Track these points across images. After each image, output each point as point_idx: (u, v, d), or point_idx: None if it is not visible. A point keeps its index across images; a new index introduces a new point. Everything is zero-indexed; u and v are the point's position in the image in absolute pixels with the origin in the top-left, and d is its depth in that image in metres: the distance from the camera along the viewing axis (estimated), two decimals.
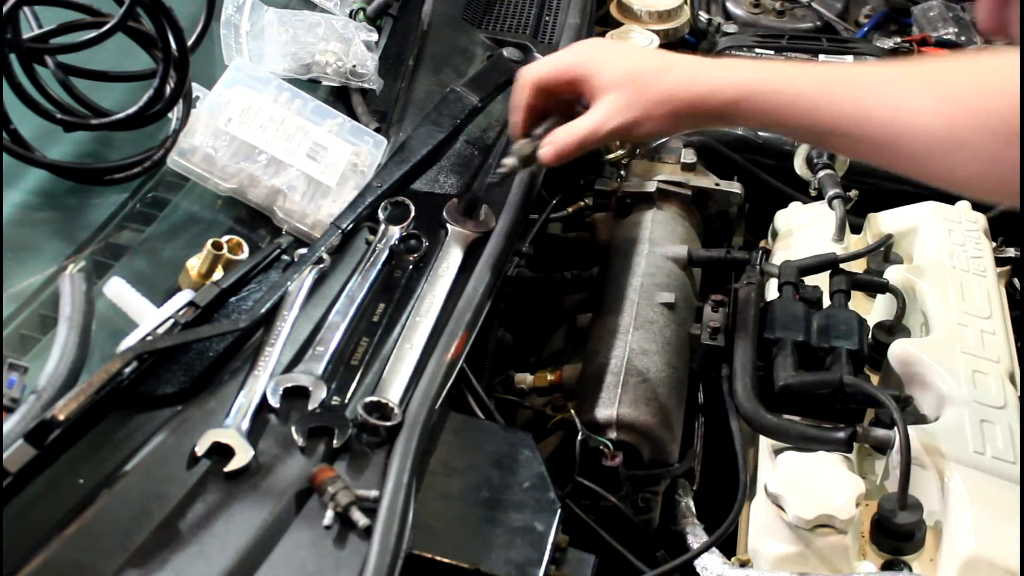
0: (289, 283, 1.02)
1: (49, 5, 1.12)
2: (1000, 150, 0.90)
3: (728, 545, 1.08)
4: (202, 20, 1.22)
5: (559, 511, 0.90)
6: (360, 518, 0.82)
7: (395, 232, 1.12)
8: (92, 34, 1.08)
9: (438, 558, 0.85)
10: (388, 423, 0.91)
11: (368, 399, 0.93)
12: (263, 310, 0.99)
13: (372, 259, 1.08)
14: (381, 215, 1.14)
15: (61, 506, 0.82)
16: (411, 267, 1.10)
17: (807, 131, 1.09)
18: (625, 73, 1.07)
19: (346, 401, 0.94)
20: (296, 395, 0.94)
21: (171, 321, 0.95)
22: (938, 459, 1.03)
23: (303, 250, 1.08)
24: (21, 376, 0.83)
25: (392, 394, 0.94)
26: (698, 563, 1.04)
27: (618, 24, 1.78)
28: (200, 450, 0.87)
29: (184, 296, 0.98)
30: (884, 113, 0.97)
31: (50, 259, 1.04)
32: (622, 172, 1.52)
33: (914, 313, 1.25)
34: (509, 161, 1.11)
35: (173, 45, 1.09)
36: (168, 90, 1.11)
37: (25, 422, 0.80)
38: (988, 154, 0.91)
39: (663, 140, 1.57)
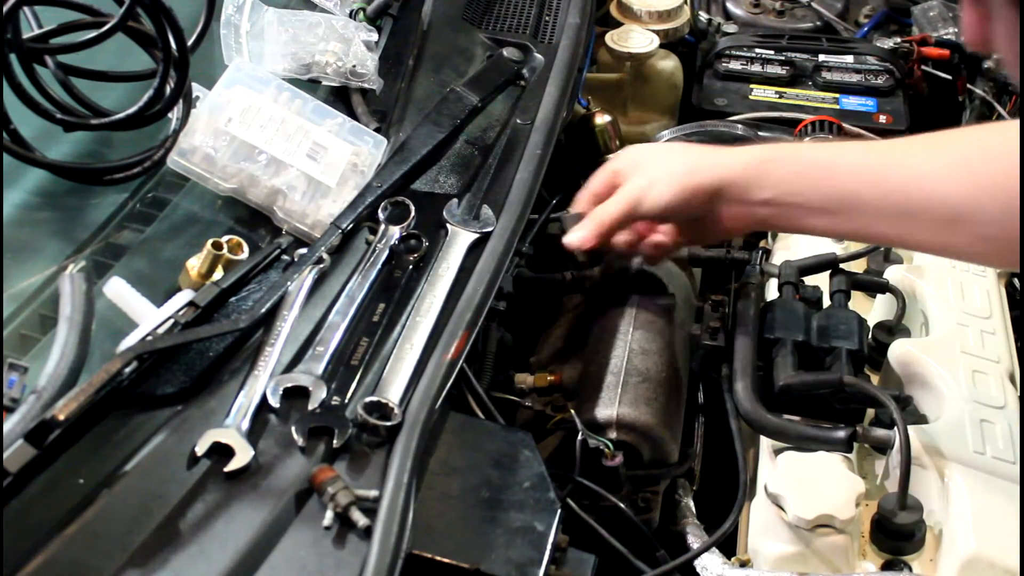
0: (289, 283, 1.02)
1: (49, 5, 1.12)
2: (1009, 217, 0.91)
3: (728, 545, 1.08)
4: (202, 20, 1.22)
5: (559, 511, 0.90)
6: (360, 518, 0.82)
7: (395, 232, 1.12)
8: (92, 34, 1.08)
9: (438, 558, 0.85)
10: (388, 423, 0.91)
11: (368, 399, 0.93)
12: (263, 310, 0.98)
13: (372, 259, 1.08)
14: (381, 215, 1.14)
15: (61, 506, 0.82)
16: (411, 267, 1.10)
17: (824, 198, 1.07)
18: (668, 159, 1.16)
19: (346, 401, 0.94)
20: (296, 395, 0.94)
21: (171, 321, 0.95)
22: (938, 459, 1.04)
23: (303, 250, 1.08)
24: (21, 376, 0.83)
25: (392, 394, 0.94)
26: (698, 563, 1.04)
27: (618, 24, 1.78)
28: (200, 450, 0.87)
29: (184, 296, 0.98)
30: (902, 174, 0.99)
31: (50, 259, 1.04)
32: None
33: (914, 313, 1.25)
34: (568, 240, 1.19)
35: (173, 45, 1.09)
36: (168, 90, 1.11)
37: (25, 422, 0.80)
38: (1002, 220, 0.93)
39: (663, 140, 1.57)
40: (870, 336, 1.21)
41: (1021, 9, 0.52)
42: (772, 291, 1.25)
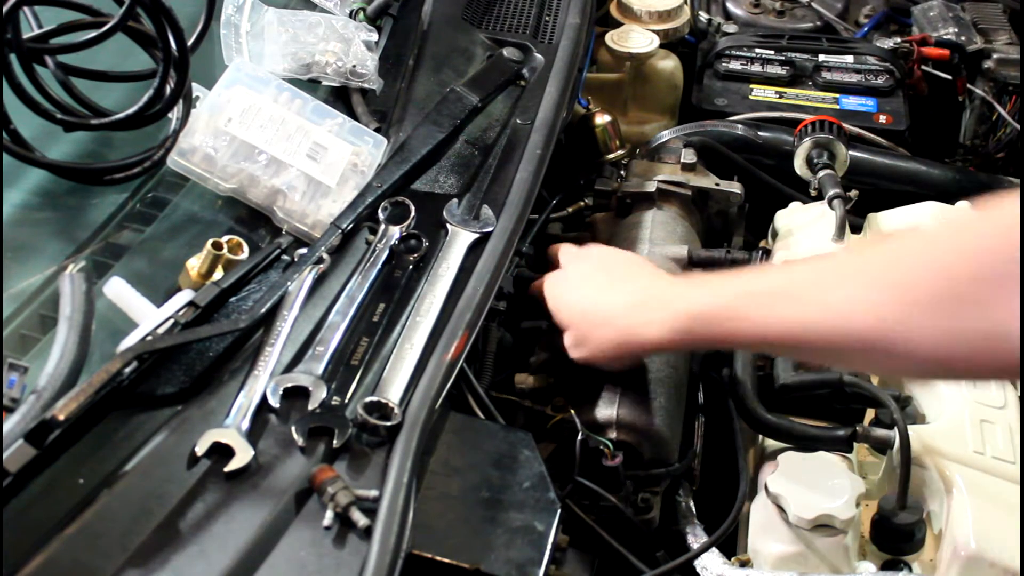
0: (289, 283, 1.02)
1: (49, 5, 1.12)
2: (942, 319, 0.82)
3: (728, 545, 1.08)
4: (202, 20, 1.22)
5: (559, 511, 0.90)
6: (360, 518, 0.82)
7: (395, 232, 1.12)
8: (92, 34, 1.08)
9: (438, 558, 0.85)
10: (388, 423, 0.91)
11: (368, 399, 0.93)
12: (263, 310, 0.98)
13: (372, 259, 1.08)
14: (381, 215, 1.14)
15: (61, 506, 0.82)
16: (411, 267, 1.10)
17: (756, 346, 1.12)
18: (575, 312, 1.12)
19: (346, 401, 0.94)
20: (296, 395, 0.94)
21: (171, 321, 0.95)
22: (938, 459, 1.04)
23: (303, 250, 1.08)
24: (21, 376, 0.83)
25: (392, 394, 0.94)
26: (698, 563, 1.04)
27: (618, 24, 1.78)
28: (200, 450, 0.87)
29: (184, 296, 0.98)
30: (826, 318, 0.91)
31: (50, 259, 1.04)
32: (622, 172, 1.52)
33: None
34: None
35: (173, 45, 1.09)
36: (168, 90, 1.11)
37: (25, 422, 0.80)
38: (936, 326, 0.83)
39: (663, 140, 1.58)
40: None
41: None
42: None
